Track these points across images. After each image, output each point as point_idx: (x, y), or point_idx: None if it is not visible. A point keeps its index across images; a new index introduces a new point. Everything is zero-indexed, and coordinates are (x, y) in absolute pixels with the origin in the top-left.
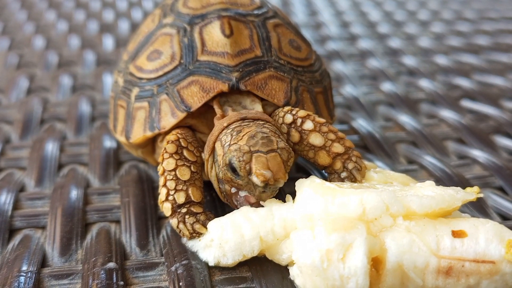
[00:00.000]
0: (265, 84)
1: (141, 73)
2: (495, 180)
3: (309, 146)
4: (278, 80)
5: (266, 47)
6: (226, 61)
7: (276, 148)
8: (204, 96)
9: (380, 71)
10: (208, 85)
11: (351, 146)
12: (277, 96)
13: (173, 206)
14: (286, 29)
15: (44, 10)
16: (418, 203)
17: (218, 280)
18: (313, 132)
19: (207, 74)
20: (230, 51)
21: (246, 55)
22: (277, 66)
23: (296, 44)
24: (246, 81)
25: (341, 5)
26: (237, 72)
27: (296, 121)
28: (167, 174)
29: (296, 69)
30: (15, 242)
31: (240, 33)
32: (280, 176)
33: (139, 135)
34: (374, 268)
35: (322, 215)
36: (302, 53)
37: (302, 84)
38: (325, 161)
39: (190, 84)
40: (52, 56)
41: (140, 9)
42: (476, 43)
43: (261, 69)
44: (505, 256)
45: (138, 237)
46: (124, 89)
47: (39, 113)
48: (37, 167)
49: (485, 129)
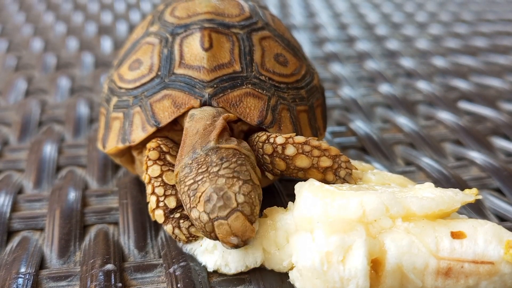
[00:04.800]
0: (240, 101)
1: (121, 83)
2: (493, 182)
3: (297, 169)
4: (254, 97)
5: (247, 62)
6: (202, 76)
7: (235, 207)
8: (174, 111)
9: (378, 73)
10: (180, 100)
11: (337, 153)
12: (250, 114)
13: (165, 212)
14: (274, 42)
15: (42, 12)
16: (418, 205)
17: (216, 281)
18: (297, 155)
19: (181, 88)
20: (207, 66)
21: (223, 70)
22: (256, 82)
23: (283, 59)
24: (219, 98)
25: (339, 7)
26: (211, 88)
27: (276, 149)
28: (154, 181)
29: (278, 85)
30: (13, 244)
31: (220, 46)
32: (248, 235)
33: (112, 146)
34: (373, 270)
35: (322, 218)
36: (288, 68)
37: (283, 102)
38: (317, 177)
39: (163, 98)
40: (50, 58)
41: (138, 11)
42: (473, 45)
43: (238, 86)
44: (504, 257)
45: (136, 239)
46: (107, 97)
47: (37, 115)
48: (35, 169)
49: (482, 130)
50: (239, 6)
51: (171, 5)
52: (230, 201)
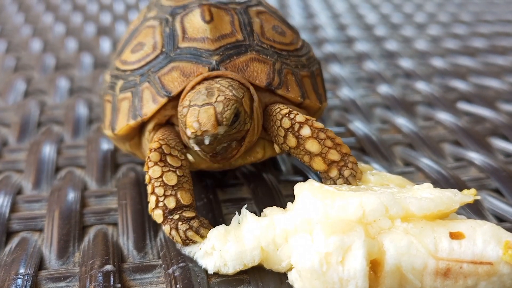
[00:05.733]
0: (247, 66)
1: (126, 66)
2: (491, 182)
3: (305, 151)
4: (260, 62)
5: (247, 32)
6: (207, 45)
7: (213, 102)
8: (184, 80)
9: (376, 74)
10: (188, 69)
11: (348, 152)
12: (259, 77)
13: (164, 213)
14: (270, 16)
15: (41, 13)
16: (417, 205)
17: (215, 282)
18: (310, 138)
19: (188, 59)
20: (210, 36)
21: (227, 40)
22: (259, 49)
23: (280, 30)
24: (227, 64)
25: (338, 7)
26: (217, 55)
27: (293, 126)
28: (154, 181)
29: (280, 53)
30: (12, 244)
31: (221, 19)
32: (208, 127)
33: (122, 125)
34: (372, 271)
35: (322, 219)
36: (286, 38)
37: (287, 67)
38: (320, 167)
39: (171, 70)
40: (49, 59)
41: (137, 11)
42: (472, 45)
43: (243, 52)
44: (502, 257)
45: (135, 240)
46: (111, 84)
47: (36, 116)
48: (34, 169)
49: (481, 131)
50: None
51: None
52: (212, 97)
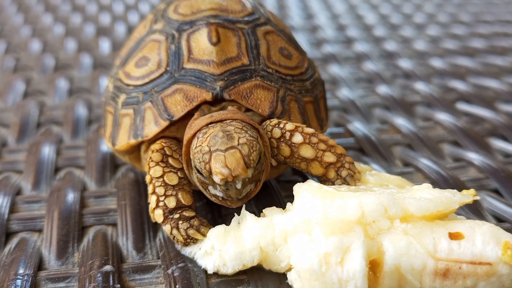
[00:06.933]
0: (250, 93)
1: (129, 80)
2: (490, 183)
3: (300, 159)
4: (264, 89)
5: (254, 55)
6: (212, 69)
7: (236, 145)
8: (187, 105)
9: (376, 74)
10: (192, 93)
11: (343, 152)
12: (262, 106)
13: (164, 212)
14: (277, 37)
15: (40, 13)
16: (416, 206)
17: (214, 282)
18: (303, 144)
19: (192, 82)
20: (216, 59)
21: (232, 64)
22: (264, 75)
23: (287, 52)
24: (231, 90)
25: (337, 8)
26: (222, 81)
27: (284, 135)
28: (155, 181)
29: (285, 78)
30: (11, 245)
31: (228, 40)
32: (239, 172)
33: (123, 142)
34: (371, 271)
35: (321, 219)
36: (292, 61)
37: (290, 93)
38: (318, 171)
39: (174, 92)
40: (49, 60)
41: (136, 12)
42: (471, 46)
43: (247, 78)
44: (501, 258)
45: (134, 240)
46: (113, 95)
47: (35, 117)
48: (33, 170)
49: (480, 131)
50: (241, 2)
51: (173, 3)
52: (233, 140)
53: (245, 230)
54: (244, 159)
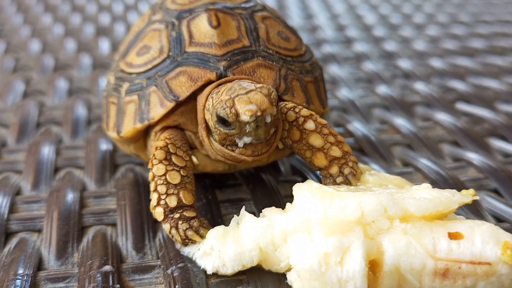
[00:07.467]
0: (253, 72)
1: (131, 68)
2: (490, 183)
3: (307, 146)
4: (266, 68)
5: (254, 38)
6: (214, 51)
7: (254, 89)
8: (192, 85)
9: (375, 74)
10: (196, 74)
11: (349, 150)
12: (265, 83)
13: (165, 211)
14: (275, 21)
15: (40, 13)
16: (415, 206)
17: (214, 283)
18: (314, 132)
19: (195, 64)
20: (218, 41)
21: (233, 45)
22: (265, 55)
23: (285, 35)
24: (234, 69)
25: (337, 8)
26: (225, 61)
27: (298, 119)
28: (157, 179)
29: (285, 58)
30: (11, 245)
31: (228, 24)
32: (267, 106)
33: (129, 128)
34: (371, 271)
35: (321, 219)
36: (291, 43)
37: (292, 72)
38: (322, 163)
39: (178, 75)
40: (48, 60)
41: (136, 12)
42: (471, 46)
43: (249, 58)
44: (501, 258)
45: (134, 240)
46: (115, 86)
47: (35, 117)
48: (33, 170)
49: (480, 131)
50: None
51: None
52: (250, 86)
53: (244, 230)
54: (266, 97)
